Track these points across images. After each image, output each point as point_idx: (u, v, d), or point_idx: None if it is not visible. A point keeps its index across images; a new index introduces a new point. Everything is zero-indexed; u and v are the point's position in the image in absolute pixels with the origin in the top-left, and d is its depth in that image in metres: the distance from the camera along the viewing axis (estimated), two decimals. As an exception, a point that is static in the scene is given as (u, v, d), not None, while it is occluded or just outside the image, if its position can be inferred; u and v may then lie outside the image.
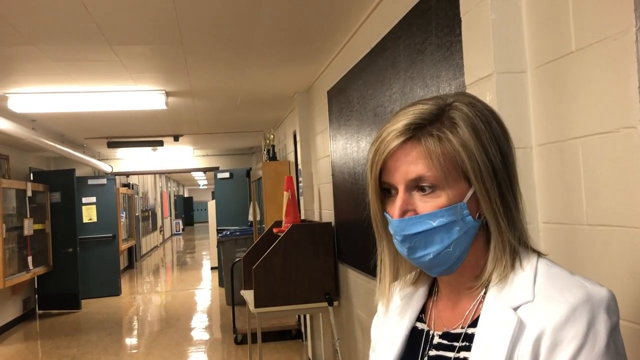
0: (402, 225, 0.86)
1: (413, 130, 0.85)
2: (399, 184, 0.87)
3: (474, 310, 0.89)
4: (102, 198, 10.01)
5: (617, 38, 1.28)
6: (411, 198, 0.87)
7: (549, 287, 0.82)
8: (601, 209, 1.35)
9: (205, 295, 9.94)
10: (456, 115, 0.86)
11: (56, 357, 6.14)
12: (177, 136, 8.15)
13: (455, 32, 1.96)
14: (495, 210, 0.86)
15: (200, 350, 6.22)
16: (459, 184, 0.85)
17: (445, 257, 0.87)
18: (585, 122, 1.39)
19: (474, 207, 0.87)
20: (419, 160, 0.85)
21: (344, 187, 3.88)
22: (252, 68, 4.41)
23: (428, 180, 0.85)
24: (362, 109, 3.33)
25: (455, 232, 0.86)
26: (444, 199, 0.85)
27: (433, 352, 0.92)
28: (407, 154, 0.86)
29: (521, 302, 0.82)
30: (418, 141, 0.85)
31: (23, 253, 7.68)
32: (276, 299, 4.14)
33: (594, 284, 0.81)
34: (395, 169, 0.87)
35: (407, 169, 0.86)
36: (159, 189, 20.57)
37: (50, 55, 3.79)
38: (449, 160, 0.84)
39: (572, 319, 0.77)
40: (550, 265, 0.86)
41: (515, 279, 0.85)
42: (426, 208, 0.86)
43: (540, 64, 1.57)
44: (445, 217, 0.85)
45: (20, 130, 5.64)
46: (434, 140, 0.85)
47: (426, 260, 0.87)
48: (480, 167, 0.85)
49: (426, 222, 0.85)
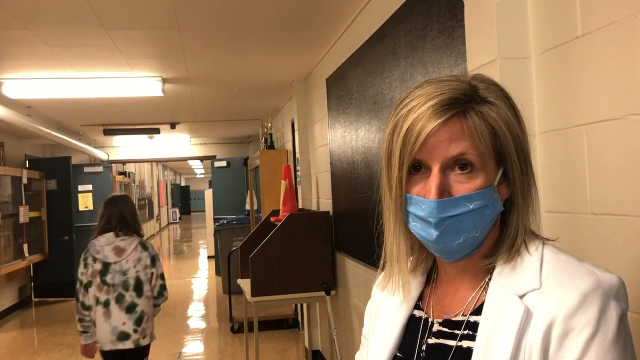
0: (440, 206, 0.80)
1: (458, 105, 0.81)
2: (435, 162, 0.81)
3: (477, 297, 0.86)
4: (98, 186, 9.96)
5: (624, 22, 1.24)
6: (446, 178, 0.82)
7: (557, 275, 0.80)
8: (606, 198, 1.32)
9: (201, 284, 9.94)
10: (491, 95, 0.84)
11: (52, 344, 6.13)
12: (174, 124, 8.10)
13: (458, 17, 1.92)
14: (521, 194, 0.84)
15: (197, 339, 6.21)
16: (491, 165, 0.82)
17: (472, 242, 0.83)
18: (590, 109, 1.36)
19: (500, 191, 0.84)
20: (463, 137, 0.80)
21: (342, 176, 3.85)
22: (249, 55, 4.36)
23: (470, 158, 0.80)
24: (361, 96, 3.29)
25: (487, 217, 0.83)
26: (481, 180, 0.81)
27: (432, 340, 0.89)
28: (449, 131, 0.81)
29: (527, 290, 0.80)
30: (462, 117, 0.81)
31: (18, 241, 7.65)
32: (273, 288, 4.13)
33: (603, 270, 0.79)
34: (434, 146, 0.81)
35: (448, 146, 0.80)
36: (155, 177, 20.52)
37: (44, 40, 3.74)
38: (490, 140, 0.82)
39: (583, 306, 0.75)
40: (557, 252, 0.84)
41: (521, 263, 0.83)
42: (462, 189, 0.81)
43: (544, 50, 1.54)
44: (482, 200, 0.81)
45: (15, 116, 5.58)
46: (478, 117, 0.81)
47: (454, 245, 0.82)
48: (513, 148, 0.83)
49: (463, 204, 0.81)
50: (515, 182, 0.84)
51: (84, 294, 3.23)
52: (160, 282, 3.33)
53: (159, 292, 3.33)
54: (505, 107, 0.84)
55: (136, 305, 3.22)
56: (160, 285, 3.33)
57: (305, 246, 4.19)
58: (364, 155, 3.27)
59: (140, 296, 3.23)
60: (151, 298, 3.31)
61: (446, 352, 0.86)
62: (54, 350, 5.91)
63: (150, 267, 3.28)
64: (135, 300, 3.22)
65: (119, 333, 3.18)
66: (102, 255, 3.21)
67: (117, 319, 3.18)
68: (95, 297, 3.20)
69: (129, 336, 3.19)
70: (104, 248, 3.22)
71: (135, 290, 3.23)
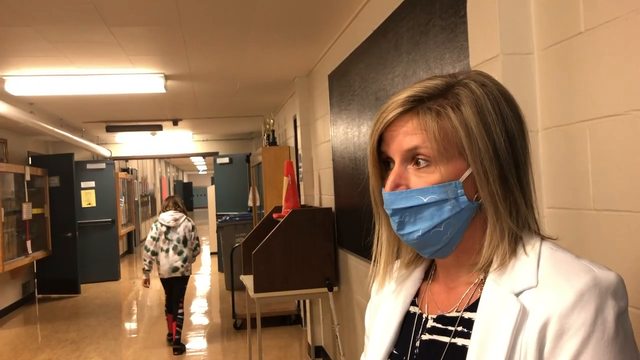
0: (391, 198, 0.86)
1: (413, 102, 0.85)
2: (395, 155, 0.86)
3: (471, 294, 0.86)
4: (101, 183, 9.99)
5: (628, 17, 1.24)
6: (406, 172, 0.86)
7: (553, 273, 0.79)
8: (609, 194, 1.32)
9: (204, 280, 9.95)
10: (462, 93, 0.84)
11: (55, 341, 6.15)
12: (176, 120, 8.10)
13: (460, 12, 1.91)
14: (493, 193, 0.82)
15: (200, 335, 6.23)
16: (456, 162, 0.83)
17: (436, 237, 0.84)
18: (593, 105, 1.36)
19: (471, 188, 0.83)
20: (415, 132, 0.84)
21: (344, 173, 3.85)
22: (252, 51, 4.35)
23: (423, 153, 0.83)
24: (363, 92, 3.29)
25: (447, 211, 0.83)
26: (437, 175, 0.83)
27: (426, 337, 0.88)
28: (403, 125, 0.85)
29: (524, 288, 0.79)
30: (416, 114, 0.85)
31: (22, 237, 7.67)
32: (276, 284, 4.13)
33: (601, 267, 0.78)
34: (392, 139, 0.87)
35: (403, 139, 0.85)
36: (158, 174, 20.53)
37: (46, 36, 3.74)
38: (446, 137, 0.82)
39: (580, 305, 0.74)
40: (554, 249, 0.83)
41: (517, 265, 0.82)
42: (418, 183, 0.84)
43: (547, 45, 1.53)
44: (437, 194, 0.83)
45: (18, 113, 5.59)
46: (432, 115, 0.83)
47: (415, 237, 0.85)
48: (479, 147, 0.82)
49: (416, 197, 0.84)
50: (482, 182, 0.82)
51: (154, 244, 5.33)
52: (196, 241, 5.50)
53: (196, 245, 5.52)
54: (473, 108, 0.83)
55: (183, 252, 5.37)
56: (196, 243, 5.50)
57: (308, 242, 4.19)
58: (366, 152, 3.26)
59: (185, 247, 5.39)
60: (191, 249, 5.44)
61: (440, 349, 0.85)
62: (57, 346, 5.93)
63: (191, 231, 5.45)
64: (183, 249, 5.37)
65: (173, 267, 5.34)
66: (166, 222, 5.38)
67: (172, 259, 5.33)
68: (160, 247, 5.33)
69: (178, 269, 5.36)
70: (166, 218, 5.38)
71: (183, 243, 5.38)
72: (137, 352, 5.62)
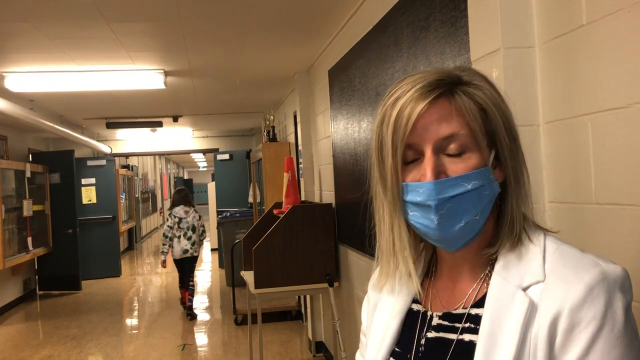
0: (437, 187, 0.79)
1: (444, 85, 0.81)
2: (427, 145, 0.80)
3: (478, 289, 0.85)
4: (101, 179, 9.98)
5: (631, 10, 1.23)
6: (440, 160, 0.80)
7: (561, 267, 0.78)
8: (611, 187, 1.31)
9: (205, 276, 9.96)
10: (475, 79, 0.84)
11: (57, 337, 6.16)
12: (177, 117, 8.09)
13: (461, 7, 1.90)
14: (515, 175, 0.83)
15: (201, 331, 6.23)
16: (484, 146, 0.82)
17: (472, 227, 0.82)
18: (595, 98, 1.35)
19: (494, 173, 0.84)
20: (452, 118, 0.80)
21: (344, 168, 3.84)
22: (251, 47, 4.34)
23: (460, 139, 0.80)
24: (363, 88, 3.28)
25: (485, 198, 0.81)
26: (475, 160, 0.80)
27: (432, 334, 0.87)
28: (439, 112, 0.80)
29: (531, 282, 0.79)
30: (449, 97, 0.81)
31: (23, 234, 7.67)
32: (276, 280, 4.13)
33: (607, 261, 0.78)
34: (425, 128, 0.80)
35: (439, 127, 0.79)
36: (158, 170, 20.53)
37: (45, 32, 3.73)
38: (481, 119, 0.81)
39: (590, 299, 0.74)
40: (559, 242, 0.83)
41: (524, 254, 0.82)
42: (458, 170, 0.79)
43: (549, 39, 1.52)
44: (479, 179, 0.80)
45: (18, 110, 5.58)
46: (466, 96, 0.81)
47: (456, 229, 0.80)
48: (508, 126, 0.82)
49: (461, 184, 0.79)
50: (507, 163, 0.83)
51: (171, 232, 6.52)
52: (202, 228, 6.70)
53: (202, 232, 6.71)
54: (491, 89, 0.84)
55: (192, 237, 6.57)
56: (202, 230, 6.70)
57: (308, 238, 4.19)
58: (367, 147, 3.26)
59: (194, 233, 6.59)
60: (199, 235, 6.65)
61: (447, 346, 0.84)
62: (59, 342, 5.94)
63: (198, 220, 6.66)
64: (192, 235, 6.57)
65: (184, 250, 6.54)
66: (178, 214, 6.60)
67: (183, 243, 6.54)
68: (174, 233, 6.53)
69: (188, 251, 6.56)
70: (179, 211, 6.61)
71: (192, 230, 6.58)
72: (139, 348, 5.62)
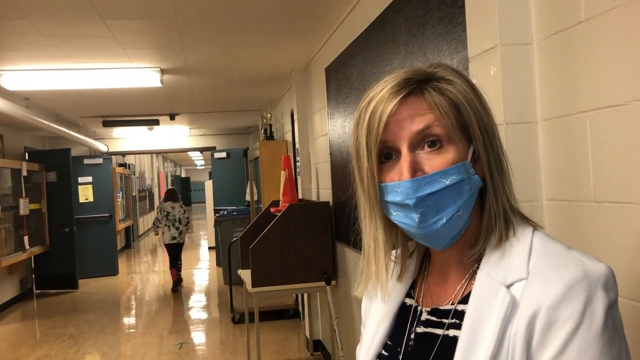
0: (414, 185, 0.78)
1: (413, 83, 0.81)
2: (402, 143, 0.80)
3: (465, 285, 0.85)
4: (98, 178, 9.96)
5: (629, 5, 1.22)
6: (416, 157, 0.80)
7: (544, 264, 0.78)
8: (609, 185, 1.31)
9: (202, 274, 9.95)
10: (448, 74, 0.84)
11: (53, 336, 6.14)
12: (173, 115, 8.07)
13: (458, 3, 1.89)
14: (493, 170, 0.83)
15: (198, 330, 6.22)
16: (462, 141, 0.81)
17: (455, 223, 0.81)
18: (594, 96, 1.34)
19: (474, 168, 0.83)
20: (425, 113, 0.80)
21: (342, 166, 3.83)
22: (248, 45, 4.33)
23: (436, 132, 0.80)
24: (360, 85, 3.27)
25: (466, 192, 0.80)
26: (452, 154, 0.80)
27: (421, 329, 0.88)
28: (410, 109, 0.81)
29: (515, 280, 0.78)
30: (420, 94, 0.81)
31: (19, 233, 7.65)
32: (273, 279, 4.12)
33: (591, 259, 0.77)
34: (398, 126, 0.80)
35: (412, 122, 0.80)
36: (155, 169, 20.49)
37: (41, 30, 3.70)
38: (453, 113, 0.81)
39: (568, 297, 0.73)
40: (546, 240, 0.82)
41: (509, 250, 0.81)
42: (435, 166, 0.79)
43: (547, 35, 1.51)
44: (457, 174, 0.79)
45: (13, 108, 5.55)
46: (436, 92, 0.81)
47: (439, 226, 0.79)
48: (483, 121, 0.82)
49: (439, 180, 0.79)
50: (482, 157, 0.82)
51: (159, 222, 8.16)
52: (187, 219, 8.23)
53: (187, 223, 8.25)
54: (463, 84, 0.83)
55: (179, 228, 8.15)
56: (186, 221, 8.23)
57: (306, 236, 4.18)
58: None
59: (180, 224, 8.16)
60: (184, 225, 8.22)
61: (433, 341, 0.85)
62: (56, 341, 5.92)
63: (183, 213, 8.21)
64: (179, 225, 8.15)
65: (172, 237, 8.13)
66: (166, 209, 8.17)
67: (172, 232, 8.11)
68: (164, 224, 8.12)
69: (175, 238, 8.15)
70: (167, 206, 8.19)
71: (179, 222, 8.15)
72: (136, 346, 5.61)
